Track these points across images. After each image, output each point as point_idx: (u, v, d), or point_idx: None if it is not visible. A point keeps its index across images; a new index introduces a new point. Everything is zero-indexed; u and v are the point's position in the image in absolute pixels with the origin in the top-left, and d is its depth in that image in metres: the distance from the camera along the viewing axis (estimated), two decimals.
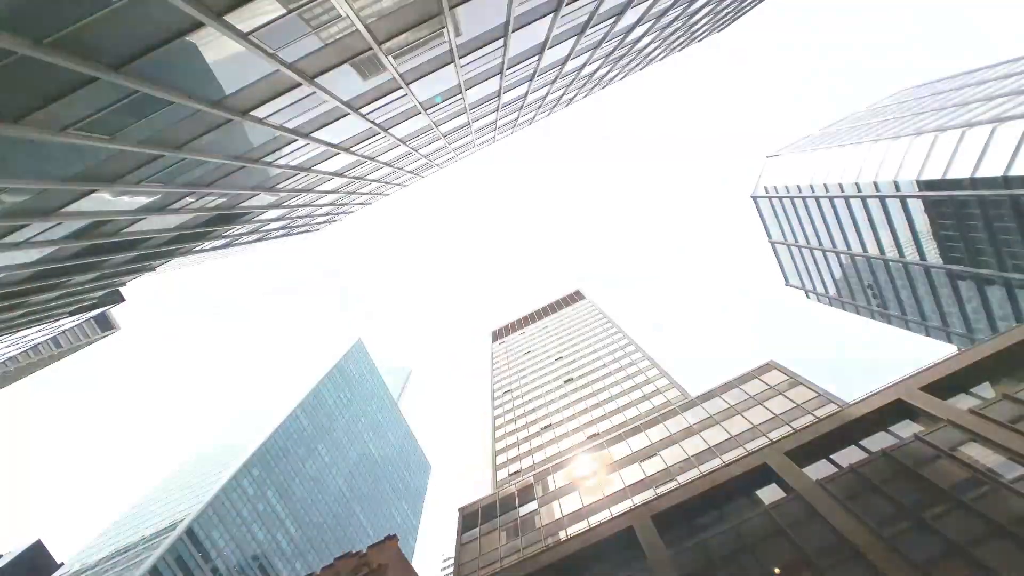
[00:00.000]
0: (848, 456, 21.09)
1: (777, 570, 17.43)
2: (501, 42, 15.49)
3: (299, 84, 11.13)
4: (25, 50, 6.05)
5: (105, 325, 59.49)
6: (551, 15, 15.35)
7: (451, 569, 38.74)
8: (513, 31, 15.01)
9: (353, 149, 19.66)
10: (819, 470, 21.01)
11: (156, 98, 8.69)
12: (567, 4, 15.00)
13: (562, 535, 30.39)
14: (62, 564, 78.29)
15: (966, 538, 15.07)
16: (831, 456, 21.52)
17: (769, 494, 21.37)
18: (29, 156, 8.54)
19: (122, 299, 28.87)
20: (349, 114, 15.06)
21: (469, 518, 36.59)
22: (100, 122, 8.56)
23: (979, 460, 17.31)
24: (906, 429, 20.91)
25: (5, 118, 7.18)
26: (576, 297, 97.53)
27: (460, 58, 15.00)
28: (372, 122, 17.06)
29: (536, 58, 19.63)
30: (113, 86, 7.68)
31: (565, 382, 59.50)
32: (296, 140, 15.06)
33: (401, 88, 15.13)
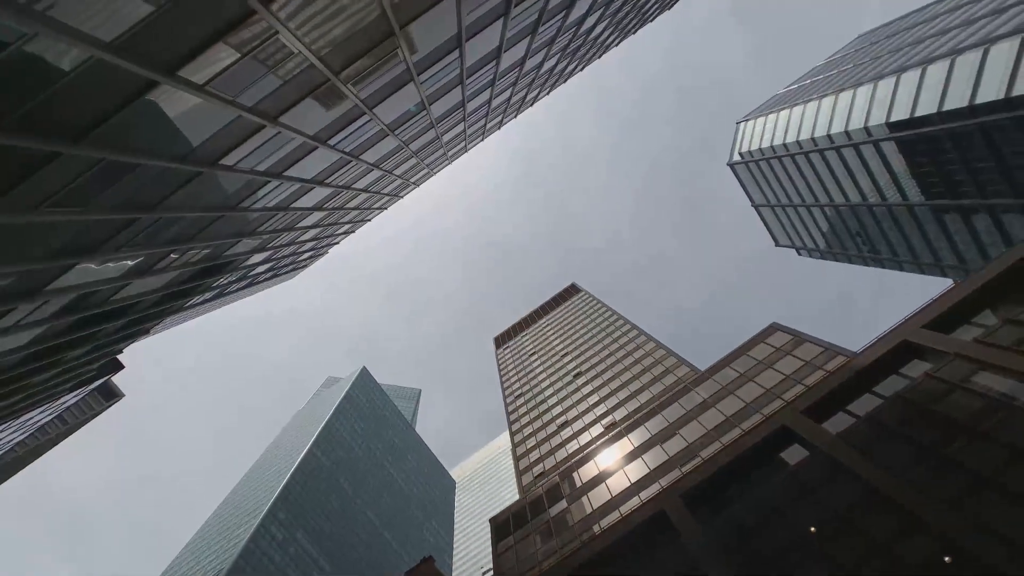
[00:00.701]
0: (864, 405, 21.19)
1: (812, 529, 17.47)
2: (457, 53, 15.53)
3: (263, 126, 11.12)
4: None
5: (108, 394, 58.93)
6: (501, 19, 15.41)
7: None
8: (467, 40, 15.06)
9: (327, 181, 19.64)
10: (837, 423, 21.10)
11: (122, 163, 8.65)
12: (516, 5, 15.07)
13: (596, 529, 30.35)
14: None
15: (991, 467, 15.16)
16: (847, 408, 21.61)
17: (792, 455, 21.44)
18: (5, 239, 8.48)
19: (121, 366, 28.66)
20: (318, 147, 15.05)
21: (502, 527, 36.46)
22: (70, 195, 8.52)
23: (992, 387, 17.44)
24: (916, 369, 21.03)
25: None
26: (572, 291, 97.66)
27: (419, 75, 15.03)
28: (342, 151, 17.05)
29: (494, 63, 19.69)
30: (77, 158, 7.65)
31: (574, 377, 59.49)
32: (269, 181, 15.03)
33: (365, 114, 15.14)
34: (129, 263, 13.58)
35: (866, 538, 16.07)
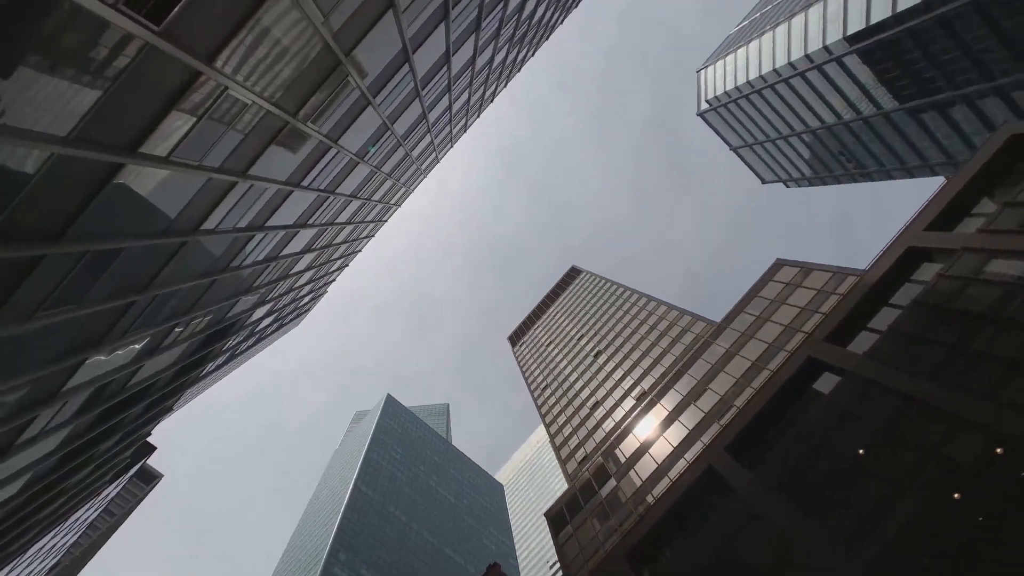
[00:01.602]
0: (884, 319, 21.12)
1: (860, 451, 17.45)
2: (407, 67, 15.50)
3: (235, 183, 11.13)
4: None
5: (147, 478, 59.34)
6: (443, 23, 15.38)
7: (560, 573, 38.68)
8: (414, 52, 15.03)
9: (310, 222, 19.66)
10: (862, 343, 21.05)
11: (106, 251, 8.68)
12: (454, 7, 15.02)
13: (649, 499, 30.41)
14: None
15: (1021, 349, 15.10)
16: (868, 326, 21.56)
17: (825, 384, 21.41)
18: (10, 351, 8.53)
19: (153, 448, 28.82)
20: (293, 191, 15.06)
21: (557, 518, 36.58)
22: (63, 294, 8.56)
23: (1006, 273, 17.35)
24: (927, 272, 20.95)
25: None
26: (574, 274, 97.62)
27: (374, 97, 15.02)
28: (317, 189, 17.07)
29: (445, 68, 19.65)
30: (61, 257, 7.68)
31: (595, 356, 59.52)
32: (254, 235, 15.05)
33: (332, 147, 15.14)
34: (137, 346, 13.64)
35: (914, 448, 16.04)
